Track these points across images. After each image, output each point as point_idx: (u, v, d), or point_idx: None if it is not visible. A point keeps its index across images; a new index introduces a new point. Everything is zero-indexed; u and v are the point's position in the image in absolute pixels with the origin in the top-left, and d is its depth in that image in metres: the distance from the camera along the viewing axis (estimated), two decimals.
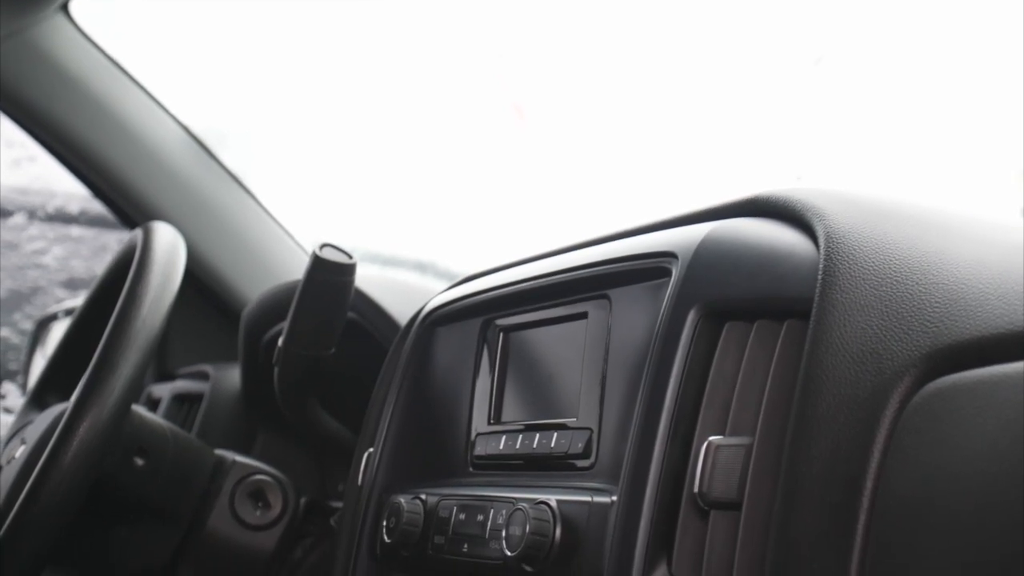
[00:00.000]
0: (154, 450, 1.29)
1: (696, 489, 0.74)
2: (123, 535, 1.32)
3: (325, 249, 1.21)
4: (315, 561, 1.39)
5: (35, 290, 3.71)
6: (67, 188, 3.74)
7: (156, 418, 1.34)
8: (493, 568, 0.91)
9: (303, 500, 1.39)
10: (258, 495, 1.36)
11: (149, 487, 1.29)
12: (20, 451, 1.37)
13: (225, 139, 1.94)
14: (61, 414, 1.17)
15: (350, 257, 1.22)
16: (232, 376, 1.78)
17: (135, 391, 1.16)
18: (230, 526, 1.34)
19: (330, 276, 1.21)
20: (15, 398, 2.95)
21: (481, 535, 0.93)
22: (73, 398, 1.15)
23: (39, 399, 1.53)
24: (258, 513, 1.35)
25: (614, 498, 0.80)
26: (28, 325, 3.25)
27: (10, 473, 1.34)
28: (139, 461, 1.27)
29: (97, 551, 1.31)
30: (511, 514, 0.87)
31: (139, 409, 1.31)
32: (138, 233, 1.30)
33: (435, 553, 0.98)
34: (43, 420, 1.39)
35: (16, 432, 1.49)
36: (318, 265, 1.21)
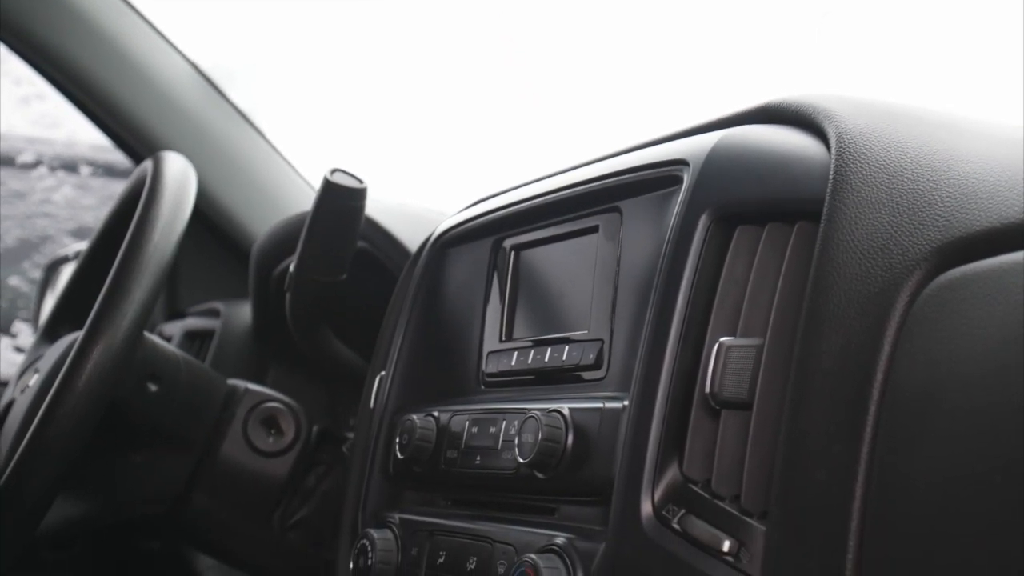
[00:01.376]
0: (167, 376, 1.30)
1: (708, 389, 0.75)
2: (137, 461, 1.33)
3: (336, 174, 1.22)
4: (328, 488, 1.40)
5: (44, 239, 3.72)
6: (76, 137, 3.74)
7: (168, 346, 1.35)
8: (505, 478, 0.92)
9: (315, 428, 1.40)
10: (270, 422, 1.37)
11: (162, 413, 1.30)
12: (34, 380, 1.38)
13: (233, 76, 1.94)
14: (74, 342, 1.18)
15: (361, 182, 1.22)
16: (243, 312, 1.78)
17: (147, 315, 1.17)
18: (243, 452, 1.35)
19: (341, 201, 1.22)
20: (27, 337, 2.96)
21: (493, 447, 0.94)
22: (87, 323, 1.15)
23: (51, 333, 1.54)
24: (271, 440, 1.37)
25: (625, 403, 0.81)
26: (37, 273, 3.26)
27: (24, 401, 1.35)
28: (152, 387, 1.28)
29: (111, 477, 1.33)
30: (523, 423, 0.87)
31: (151, 336, 1.32)
32: (148, 163, 1.31)
33: (447, 467, 0.99)
34: (56, 349, 1.40)
35: (29, 365, 1.50)
36: (329, 189, 1.21)
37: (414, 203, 1.49)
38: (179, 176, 1.25)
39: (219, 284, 2.02)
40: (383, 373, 1.15)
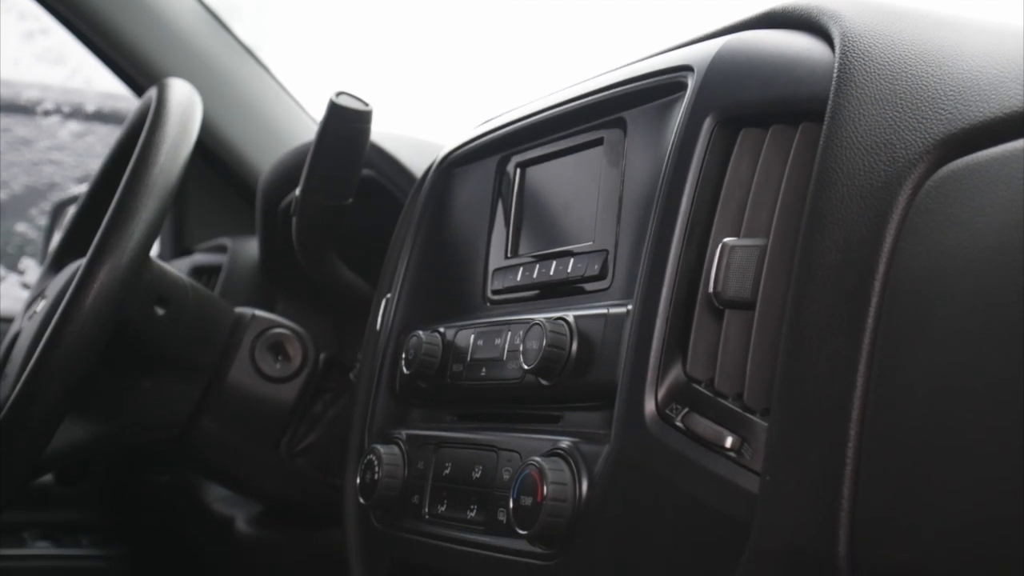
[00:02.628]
0: (174, 300, 1.30)
1: (711, 289, 0.75)
2: (145, 386, 1.34)
3: (341, 96, 1.22)
4: (335, 415, 1.41)
5: (51, 186, 3.72)
6: (83, 86, 3.74)
7: (176, 272, 1.35)
8: (510, 388, 0.93)
9: (322, 356, 1.41)
10: (278, 348, 1.38)
11: (170, 337, 1.30)
12: (40, 306, 1.39)
13: (238, 11, 1.93)
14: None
15: (366, 105, 1.23)
16: (250, 247, 1.79)
17: (153, 236, 1.17)
18: (251, 378, 1.36)
19: (346, 123, 1.22)
20: (34, 274, 2.97)
21: (498, 358, 0.94)
22: (93, 243, 1.16)
23: (58, 263, 1.55)
24: (278, 366, 1.38)
25: (629, 307, 0.81)
26: (44, 220, 3.27)
27: (31, 327, 1.36)
28: (159, 311, 1.29)
29: (120, 402, 1.34)
30: (528, 330, 0.88)
31: (159, 261, 1.33)
32: (152, 90, 1.31)
33: (453, 381, 1.00)
34: (62, 276, 1.41)
35: (36, 295, 1.51)
36: (334, 112, 1.21)
37: (419, 134, 1.49)
38: (184, 100, 1.25)
39: (226, 221, 2.02)
40: (389, 295, 1.15)
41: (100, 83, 3.60)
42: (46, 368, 1.11)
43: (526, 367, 0.87)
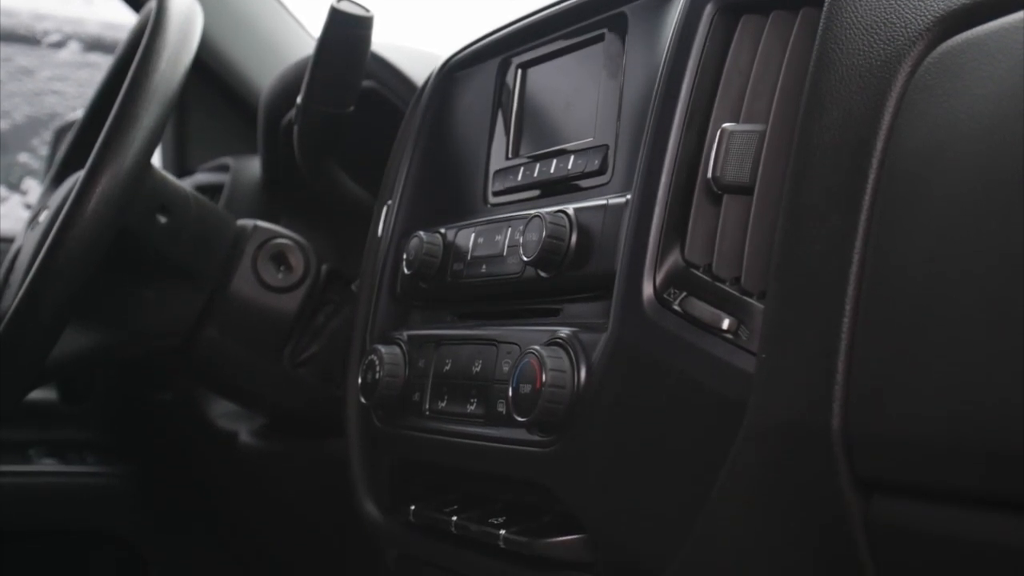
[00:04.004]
0: (176, 209, 1.31)
1: (710, 175, 0.76)
2: (149, 295, 1.34)
3: (343, 2, 1.21)
4: (337, 326, 1.42)
5: (52, 116, 3.70)
6: (85, 14, 3.71)
7: (178, 181, 1.35)
8: (511, 282, 0.93)
9: (324, 267, 1.42)
10: (280, 258, 1.39)
11: (172, 246, 1.31)
12: (43, 216, 1.39)
13: None
14: None
15: (367, 11, 1.22)
16: (252, 165, 1.79)
17: (155, 142, 1.17)
18: (253, 288, 1.37)
19: (347, 29, 1.21)
20: (37, 195, 2.98)
21: (499, 254, 0.95)
22: (94, 150, 1.16)
23: (59, 178, 1.55)
24: (280, 276, 1.38)
25: (629, 197, 0.82)
26: (46, 151, 3.26)
27: (34, 236, 1.36)
28: (162, 219, 1.29)
29: (123, 310, 1.34)
30: (528, 223, 0.88)
31: (161, 170, 1.33)
32: (152, 1, 1.30)
33: (454, 280, 1.01)
34: (64, 187, 1.41)
35: (39, 210, 1.51)
36: (335, 18, 1.21)
37: (421, 47, 1.49)
38: (184, 8, 1.25)
39: (227, 142, 2.02)
40: (390, 201, 1.16)
41: (102, 10, 3.58)
42: (49, 271, 1.12)
43: (526, 259, 0.88)
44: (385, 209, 1.16)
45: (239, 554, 1.96)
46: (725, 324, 0.73)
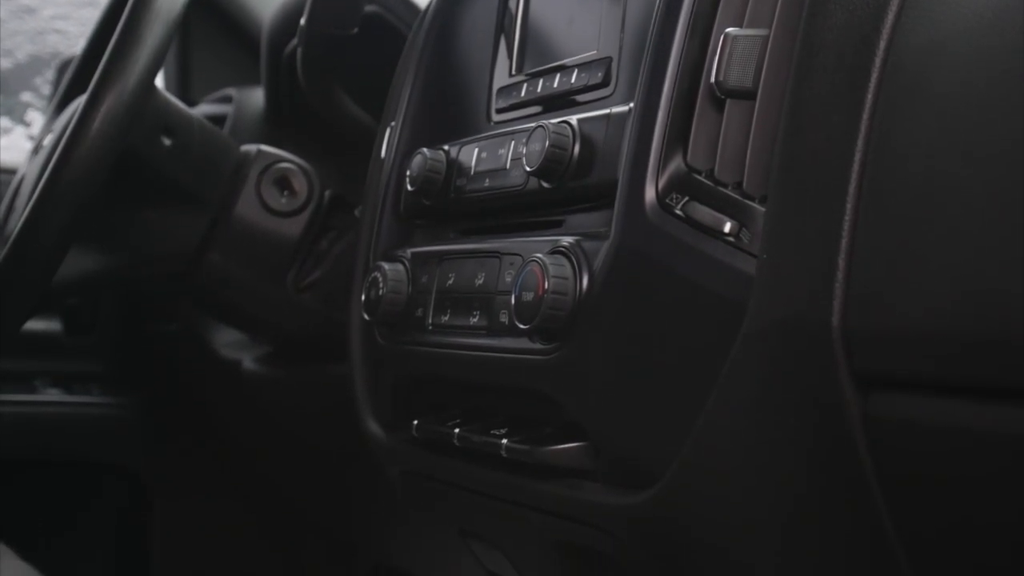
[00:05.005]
0: (180, 131, 1.31)
1: (713, 79, 0.76)
2: (153, 218, 1.35)
3: None
4: (340, 252, 1.42)
5: (55, 55, 3.69)
6: None
7: (182, 104, 1.36)
8: (513, 195, 0.94)
9: (327, 193, 1.42)
10: (283, 182, 1.39)
11: (176, 168, 1.31)
12: (47, 139, 1.39)
13: None
14: None
15: None
16: (255, 96, 1.79)
17: (159, 62, 1.17)
18: (257, 212, 1.38)
19: None
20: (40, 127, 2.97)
21: (502, 167, 0.95)
22: (97, 70, 1.16)
23: (63, 105, 1.55)
24: (284, 200, 1.39)
25: (632, 105, 0.82)
26: (48, 89, 3.25)
27: (38, 159, 1.37)
28: (166, 141, 1.30)
29: (127, 233, 1.35)
30: (531, 134, 0.89)
31: (164, 92, 1.33)
32: None
33: (457, 195, 1.01)
34: (68, 111, 1.41)
35: (42, 137, 1.51)
36: None
37: None
38: None
39: (231, 74, 2.01)
40: (393, 123, 1.16)
41: None
42: (54, 191, 1.13)
43: (528, 169, 0.88)
44: (388, 130, 1.16)
45: (243, 482, 1.98)
46: (727, 227, 0.73)
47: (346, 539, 1.94)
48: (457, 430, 0.94)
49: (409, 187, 1.05)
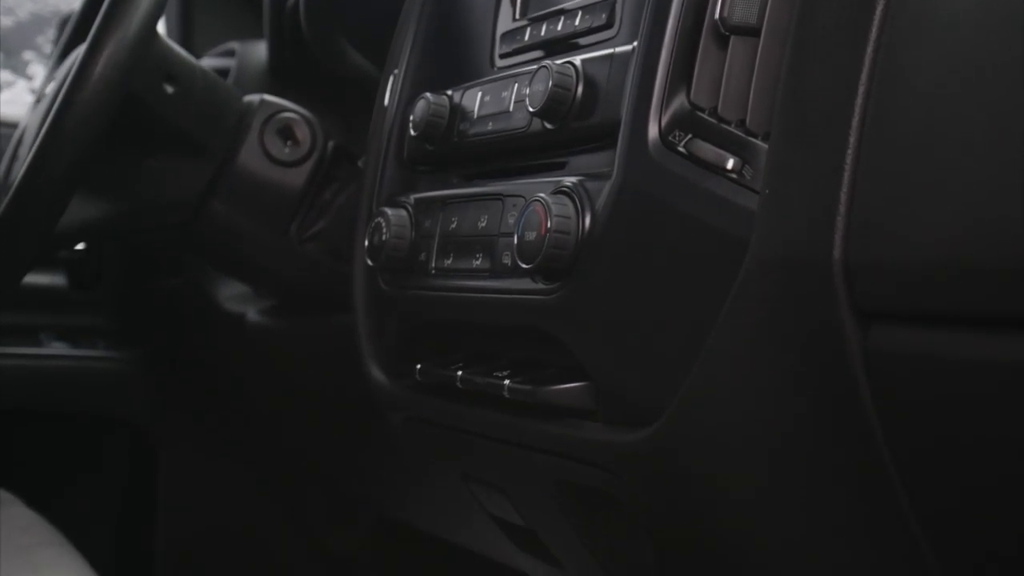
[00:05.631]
0: (183, 79, 1.31)
1: (717, 16, 0.75)
2: (156, 167, 1.35)
3: None
4: (343, 203, 1.42)
5: (56, 13, 3.68)
6: None
7: (184, 52, 1.35)
8: (516, 137, 0.94)
9: (331, 143, 1.42)
10: (286, 132, 1.39)
11: (179, 115, 1.31)
12: (50, 87, 1.39)
13: None
14: None
15: None
16: (259, 49, 1.78)
17: (161, 6, 1.17)
18: (260, 162, 1.38)
19: None
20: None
21: (505, 110, 0.95)
22: (99, 15, 1.16)
23: (65, 55, 1.55)
24: (287, 150, 1.39)
25: (635, 44, 0.82)
26: (50, 48, 3.24)
27: (41, 106, 1.37)
28: (168, 88, 1.30)
29: (131, 181, 1.35)
30: (535, 74, 0.88)
31: (167, 39, 1.33)
32: None
33: (460, 139, 1.01)
34: (70, 60, 1.41)
35: (44, 86, 1.51)
36: None
37: None
38: None
39: (233, 28, 2.01)
40: (396, 70, 1.15)
41: None
42: (57, 135, 1.13)
43: (531, 110, 0.88)
44: (391, 78, 1.16)
45: (248, 435, 1.99)
46: (729, 164, 0.73)
47: (350, 493, 1.96)
48: (460, 373, 0.95)
49: (412, 132, 1.05)
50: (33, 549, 1.34)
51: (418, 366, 1.01)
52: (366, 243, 1.05)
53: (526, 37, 1.00)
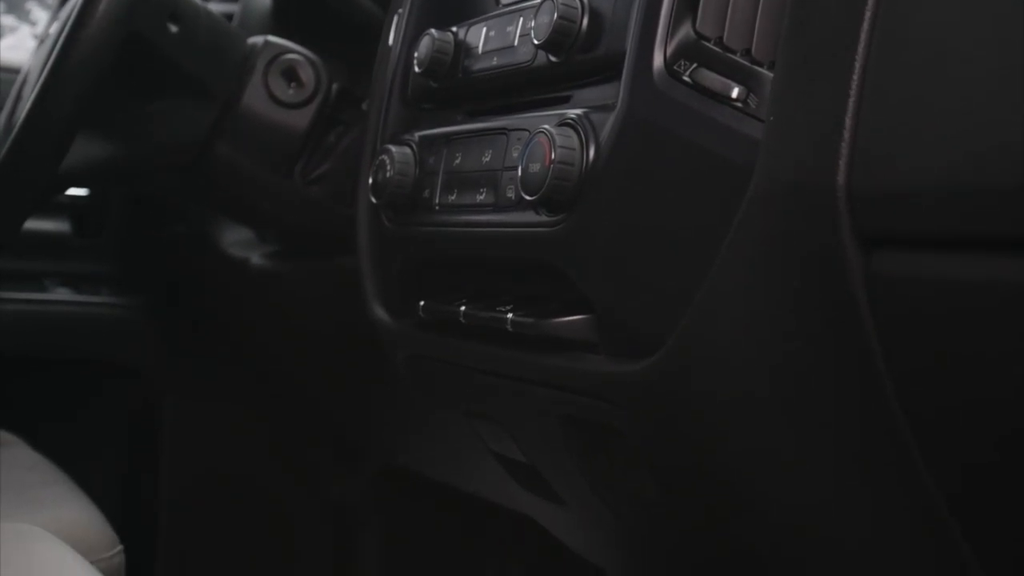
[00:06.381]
0: (187, 19, 1.30)
1: None
2: (160, 108, 1.35)
3: None
4: (347, 145, 1.42)
5: None
6: None
7: None
8: (520, 72, 0.93)
9: (335, 86, 1.42)
10: (291, 73, 1.39)
11: (183, 55, 1.31)
12: (53, 27, 1.39)
13: None
14: None
15: None
16: None
17: None
18: (264, 103, 1.38)
19: None
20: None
21: (510, 45, 0.95)
22: None
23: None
24: (291, 91, 1.38)
25: None
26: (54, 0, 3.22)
27: (45, 46, 1.36)
28: (172, 27, 1.29)
29: (135, 123, 1.35)
30: (540, 7, 0.88)
31: None
32: None
33: (465, 75, 1.01)
34: (71, 2, 1.40)
35: (47, 29, 1.51)
36: None
37: None
38: None
39: None
40: (401, 10, 1.15)
41: None
42: (61, 72, 1.13)
43: (536, 42, 0.88)
44: (396, 17, 1.16)
45: (251, 382, 2.00)
46: (735, 93, 0.73)
47: (353, 439, 1.97)
48: (463, 308, 0.95)
49: (417, 69, 1.05)
50: (37, 488, 1.35)
51: (421, 303, 1.01)
52: (370, 181, 1.06)
53: None
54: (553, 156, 0.81)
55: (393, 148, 1.04)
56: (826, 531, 0.75)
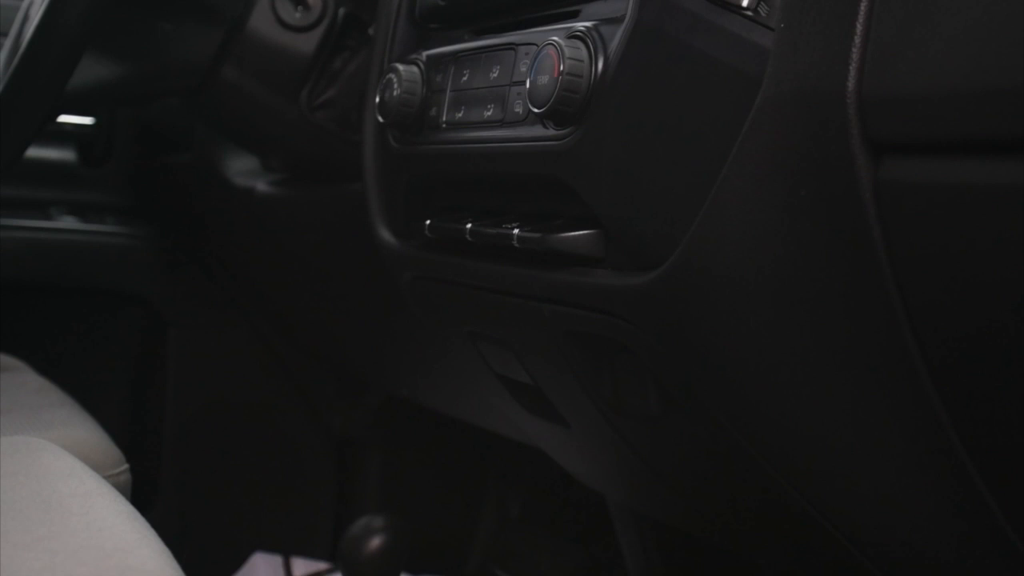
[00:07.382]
0: None
1: None
2: (167, 30, 1.34)
3: None
4: (352, 71, 1.41)
5: None
6: None
7: None
8: None
9: (342, 10, 1.41)
10: None
11: None
12: None
13: None
14: None
15: None
16: None
17: None
18: (271, 26, 1.37)
19: None
20: None
21: None
22: None
23: None
24: (298, 15, 1.38)
25: None
26: None
27: None
28: None
29: (142, 44, 1.34)
30: None
31: None
32: None
33: None
34: None
35: None
36: None
37: None
38: None
39: None
40: None
41: None
42: None
43: None
44: None
45: (256, 311, 2.00)
46: (745, 1, 0.73)
47: (357, 370, 1.98)
48: (469, 226, 0.95)
49: None
50: (44, 409, 1.36)
51: (427, 222, 1.01)
52: (377, 100, 1.05)
53: None
54: (562, 67, 0.81)
55: (400, 67, 1.03)
56: (833, 443, 0.76)
